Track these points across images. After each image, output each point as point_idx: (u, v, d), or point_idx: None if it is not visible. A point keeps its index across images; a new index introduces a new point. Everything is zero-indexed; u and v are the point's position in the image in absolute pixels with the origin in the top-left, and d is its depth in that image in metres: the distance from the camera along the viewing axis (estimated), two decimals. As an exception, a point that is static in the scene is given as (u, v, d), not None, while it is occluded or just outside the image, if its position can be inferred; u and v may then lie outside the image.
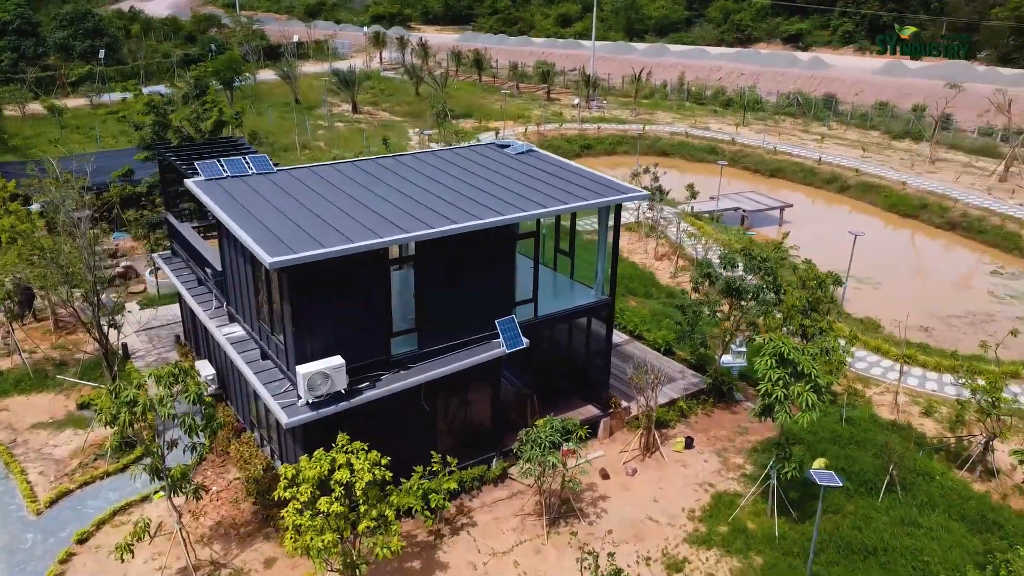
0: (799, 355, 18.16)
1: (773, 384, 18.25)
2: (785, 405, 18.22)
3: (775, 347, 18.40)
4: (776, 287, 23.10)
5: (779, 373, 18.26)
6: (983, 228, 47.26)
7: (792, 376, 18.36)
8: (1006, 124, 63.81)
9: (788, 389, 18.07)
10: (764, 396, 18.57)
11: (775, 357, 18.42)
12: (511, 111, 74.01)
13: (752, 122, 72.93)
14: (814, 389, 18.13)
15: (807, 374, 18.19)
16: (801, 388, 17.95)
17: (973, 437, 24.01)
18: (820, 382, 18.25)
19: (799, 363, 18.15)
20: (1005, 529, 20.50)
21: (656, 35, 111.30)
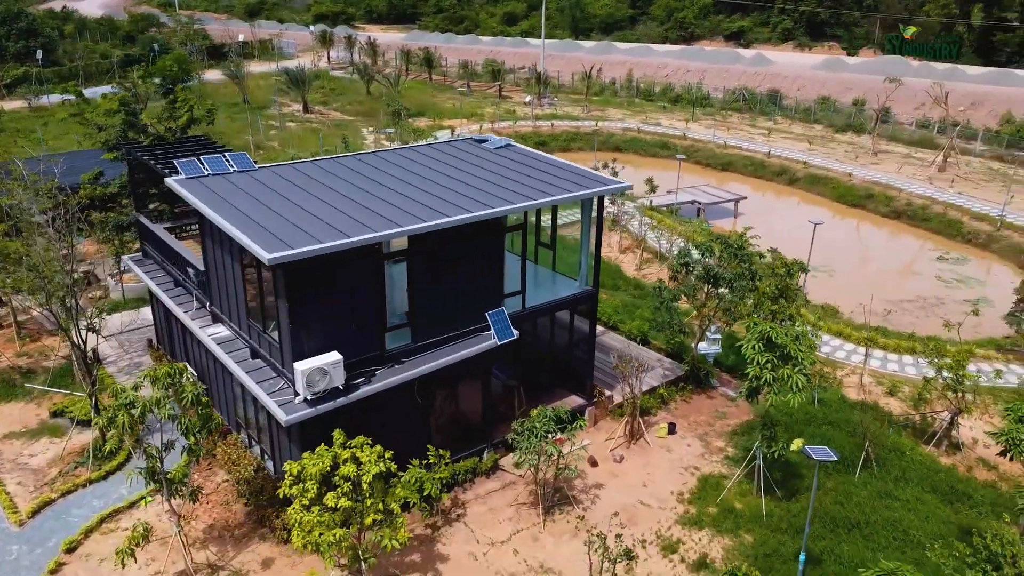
0: (785, 339, 18.79)
1: (761, 367, 18.83)
2: (773, 387, 18.81)
3: (762, 331, 19.00)
4: (752, 274, 23.78)
5: (767, 356, 18.86)
6: (927, 216, 49.22)
7: (779, 359, 18.96)
8: (942, 116, 66.51)
9: (776, 372, 18.67)
10: (753, 379, 19.14)
11: (762, 341, 19.01)
12: (464, 109, 74.12)
13: (701, 117, 74.45)
14: (801, 372, 18.77)
15: (794, 357, 18.83)
16: (790, 371, 18.57)
17: (937, 413, 25.14)
18: (806, 363, 18.91)
19: (786, 346, 18.78)
20: (974, 499, 21.55)
21: (602, 33, 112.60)
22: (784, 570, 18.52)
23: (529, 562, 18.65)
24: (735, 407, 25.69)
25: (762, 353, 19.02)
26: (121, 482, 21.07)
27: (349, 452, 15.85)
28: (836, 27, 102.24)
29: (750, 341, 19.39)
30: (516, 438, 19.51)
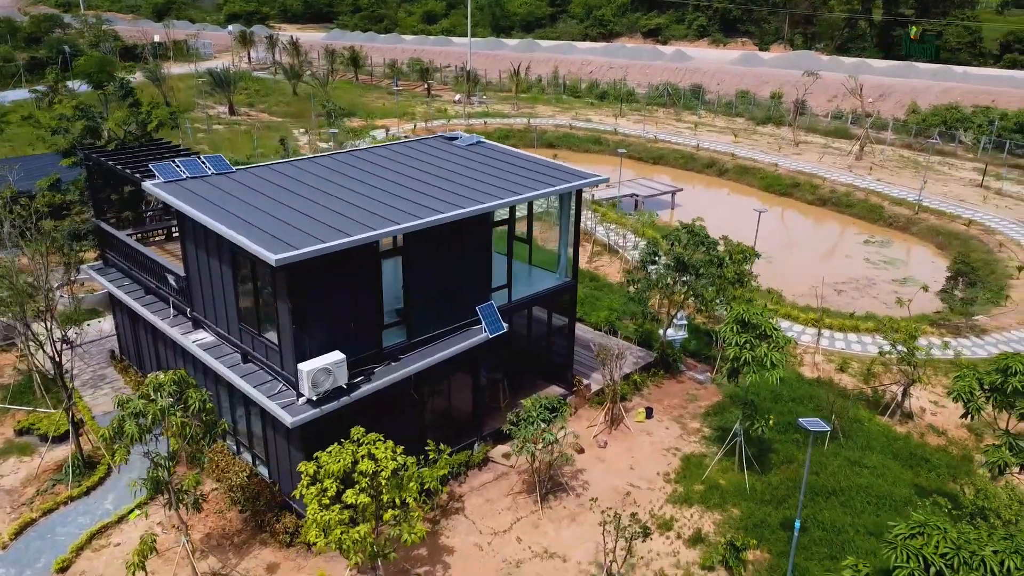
0: (761, 319, 19.80)
1: (740, 348, 19.78)
2: (752, 366, 19.78)
3: (738, 313, 19.95)
4: (719, 261, 24.82)
5: (745, 337, 19.82)
6: (850, 202, 51.91)
7: (756, 339, 19.95)
8: (854, 108, 70.13)
9: (755, 351, 19.64)
10: (733, 360, 20.06)
11: (739, 323, 19.97)
12: (394, 109, 73.79)
13: (628, 113, 76.30)
14: (776, 349, 19.80)
15: (769, 335, 19.86)
16: (767, 348, 19.57)
17: (887, 386, 26.83)
18: (781, 342, 19.97)
19: (761, 326, 19.78)
20: (931, 463, 23.14)
21: (523, 31, 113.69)
22: (773, 538, 19.54)
23: (533, 548, 19.08)
24: (704, 389, 26.77)
25: (740, 334, 19.96)
26: (105, 497, 20.53)
27: (366, 448, 15.93)
28: (748, 24, 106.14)
29: (728, 324, 20.32)
30: (512, 428, 19.90)
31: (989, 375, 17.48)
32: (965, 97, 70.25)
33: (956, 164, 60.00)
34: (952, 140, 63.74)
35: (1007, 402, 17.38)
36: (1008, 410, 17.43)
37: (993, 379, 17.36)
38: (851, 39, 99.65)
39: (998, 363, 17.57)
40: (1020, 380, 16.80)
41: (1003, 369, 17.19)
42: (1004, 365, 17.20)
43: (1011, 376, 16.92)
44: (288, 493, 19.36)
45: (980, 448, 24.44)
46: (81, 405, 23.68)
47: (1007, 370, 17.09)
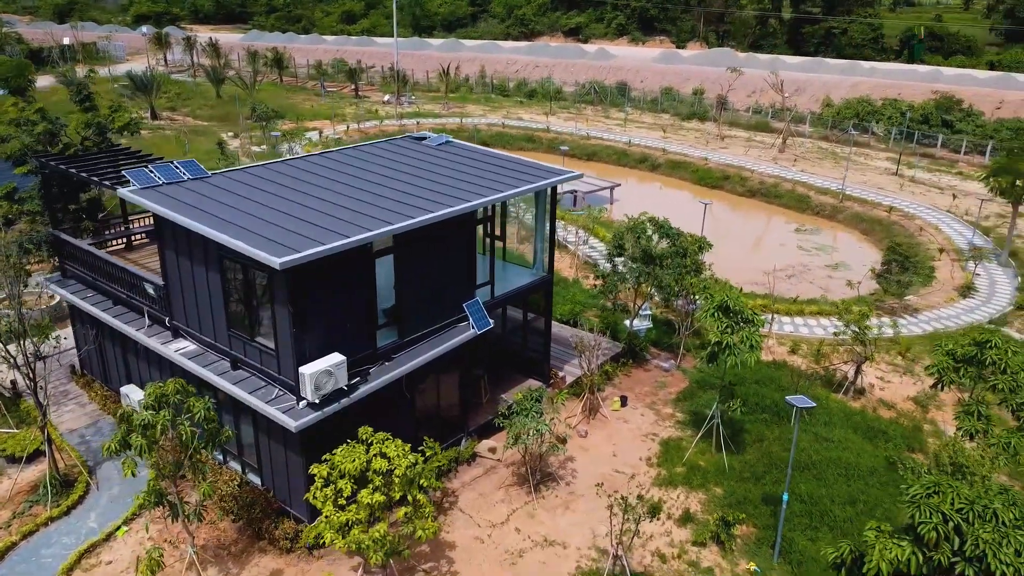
0: (742, 304, 20.75)
1: (722, 332, 20.68)
2: (733, 350, 20.71)
3: (720, 300, 20.86)
4: (684, 252, 25.77)
5: (726, 322, 20.74)
6: (779, 193, 54.23)
7: (738, 323, 20.90)
8: (773, 103, 73.11)
9: (736, 334, 20.57)
10: (715, 344, 20.94)
11: (721, 309, 20.88)
12: (323, 110, 72.83)
13: (558, 111, 77.40)
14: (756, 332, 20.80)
15: (748, 320, 20.84)
16: (748, 331, 20.53)
17: (838, 365, 28.38)
18: (759, 324, 20.97)
19: (741, 311, 20.75)
20: (888, 434, 24.64)
21: (444, 31, 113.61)
22: (756, 513, 20.52)
23: (533, 537, 19.50)
24: (671, 376, 27.72)
25: (720, 320, 20.87)
26: (87, 516, 19.90)
27: (377, 447, 16.03)
28: (665, 22, 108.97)
29: (708, 310, 21.20)
30: (505, 421, 20.26)
31: (964, 348, 18.75)
32: (874, 91, 74.09)
33: (871, 154, 63.32)
34: (865, 132, 67.21)
35: (979, 374, 18.66)
36: (980, 381, 18.72)
37: (968, 351, 18.60)
38: (763, 36, 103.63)
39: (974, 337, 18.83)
40: (996, 353, 18.07)
41: (980, 343, 18.47)
42: (983, 339, 18.47)
43: (988, 349, 18.18)
44: (284, 499, 19.25)
45: (927, 419, 26.22)
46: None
47: (984, 343, 18.37)
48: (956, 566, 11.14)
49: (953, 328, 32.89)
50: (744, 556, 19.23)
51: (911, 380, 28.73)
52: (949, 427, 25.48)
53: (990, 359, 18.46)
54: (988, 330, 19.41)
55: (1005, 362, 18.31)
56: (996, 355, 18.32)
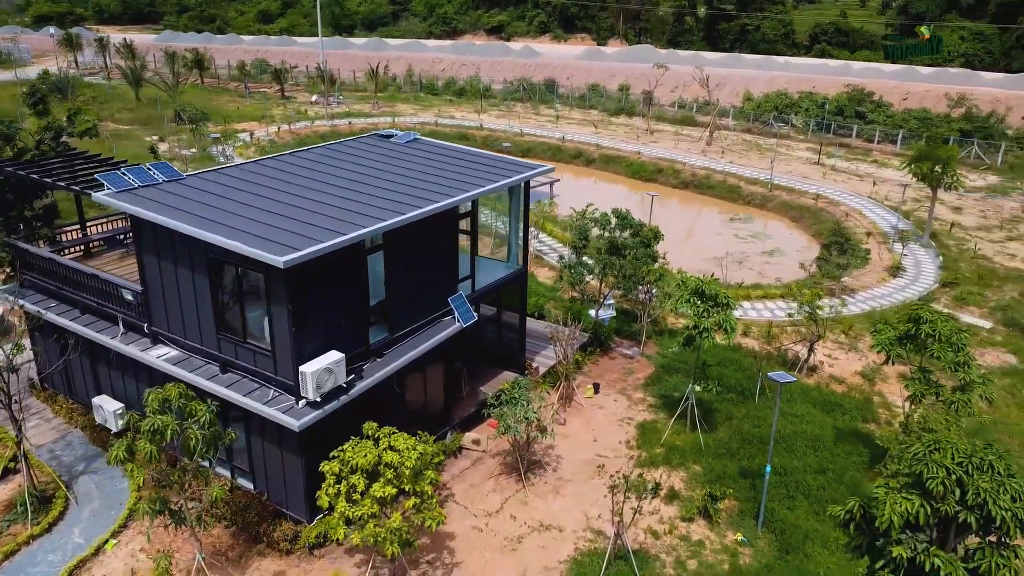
0: (715, 287, 21.69)
1: (699, 316, 21.56)
2: (710, 332, 21.62)
3: (696, 285, 21.74)
4: (647, 242, 26.63)
5: (703, 306, 21.63)
6: (711, 184, 56.15)
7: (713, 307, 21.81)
8: (696, 97, 75.49)
9: (714, 317, 21.48)
10: (692, 328, 21.80)
11: (696, 293, 21.76)
12: (250, 111, 71.35)
13: (488, 109, 77.91)
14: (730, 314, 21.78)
15: (723, 302, 21.78)
16: (725, 314, 21.47)
17: (789, 345, 29.82)
18: (732, 306, 21.95)
19: (717, 294, 21.67)
20: (843, 407, 26.08)
21: (365, 30, 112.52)
22: (735, 487, 21.46)
23: (529, 523, 19.94)
24: (636, 363, 28.59)
25: (697, 304, 21.75)
26: (71, 531, 19.28)
27: (386, 441, 16.17)
28: (585, 20, 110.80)
29: (683, 296, 22.06)
30: (495, 411, 20.63)
31: (902, 325, 20.15)
32: (790, 84, 77.42)
33: (792, 145, 66.18)
34: (785, 124, 70.18)
35: (920, 346, 20.06)
36: (921, 352, 20.13)
37: (906, 328, 20.01)
38: (679, 33, 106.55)
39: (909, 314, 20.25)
40: (930, 327, 19.50)
41: (914, 319, 19.87)
42: (915, 315, 19.87)
43: (922, 324, 19.58)
44: (279, 501, 19.11)
45: (874, 391, 27.86)
46: (9, 439, 21.90)
47: (918, 319, 19.77)
48: (959, 515, 12.17)
49: (888, 306, 34.96)
50: (730, 528, 20.16)
51: (856, 356, 30.42)
52: (895, 398, 27.21)
53: (925, 332, 19.86)
54: (917, 305, 20.90)
55: (939, 331, 19.76)
56: (929, 328, 19.72)
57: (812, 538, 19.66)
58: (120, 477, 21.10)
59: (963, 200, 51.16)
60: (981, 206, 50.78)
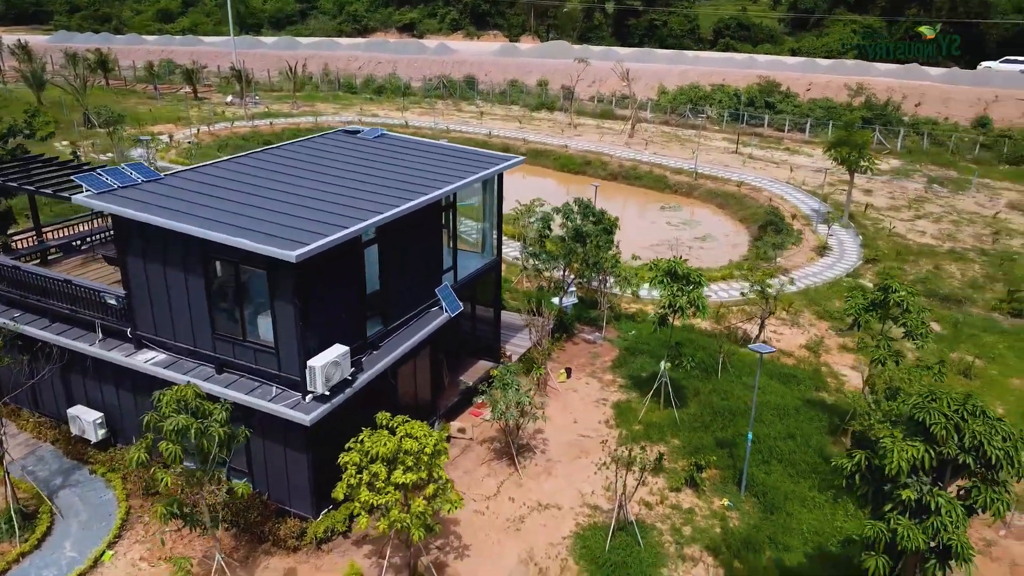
0: (688, 268, 22.76)
1: (673, 296, 22.59)
2: (685, 311, 22.67)
3: (669, 266, 22.76)
4: (609, 229, 27.57)
5: (677, 285, 22.66)
6: (638, 175, 57.88)
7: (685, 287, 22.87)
8: (613, 91, 77.43)
9: (688, 296, 22.54)
10: (667, 307, 22.80)
11: (669, 274, 22.78)
12: (163, 113, 68.94)
13: (410, 106, 77.68)
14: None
15: (694, 282, 22.88)
16: (697, 292, 22.57)
17: (737, 324, 31.38)
18: (703, 286, 23.08)
19: (689, 274, 22.75)
20: (798, 378, 27.73)
21: (273, 28, 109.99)
22: (714, 456, 22.63)
23: (527, 504, 20.51)
24: (600, 347, 29.53)
25: (669, 285, 22.78)
26: (62, 545, 18.64)
27: (403, 429, 16.40)
28: (496, 17, 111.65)
29: (657, 276, 23.06)
30: (488, 396, 21.09)
31: (872, 294, 21.72)
32: (701, 77, 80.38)
33: (709, 136, 68.79)
34: (701, 115, 72.89)
35: (888, 314, 21.67)
36: (892, 321, 21.74)
37: (876, 296, 21.59)
38: (589, 29, 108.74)
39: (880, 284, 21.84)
40: (899, 296, 21.11)
41: (884, 288, 21.46)
42: (885, 285, 21.46)
43: (892, 293, 21.18)
44: (282, 499, 19.02)
45: (820, 362, 29.67)
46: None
47: (887, 288, 21.37)
48: (958, 457, 13.45)
49: (821, 283, 37.18)
50: (716, 494, 21.28)
51: (799, 331, 32.27)
52: (840, 367, 29.14)
53: (894, 301, 21.51)
54: (888, 275, 22.57)
55: (907, 303, 21.43)
56: (898, 298, 21.37)
57: (791, 498, 20.99)
58: (104, 488, 20.51)
59: (872, 183, 54.52)
60: (888, 188, 54.30)
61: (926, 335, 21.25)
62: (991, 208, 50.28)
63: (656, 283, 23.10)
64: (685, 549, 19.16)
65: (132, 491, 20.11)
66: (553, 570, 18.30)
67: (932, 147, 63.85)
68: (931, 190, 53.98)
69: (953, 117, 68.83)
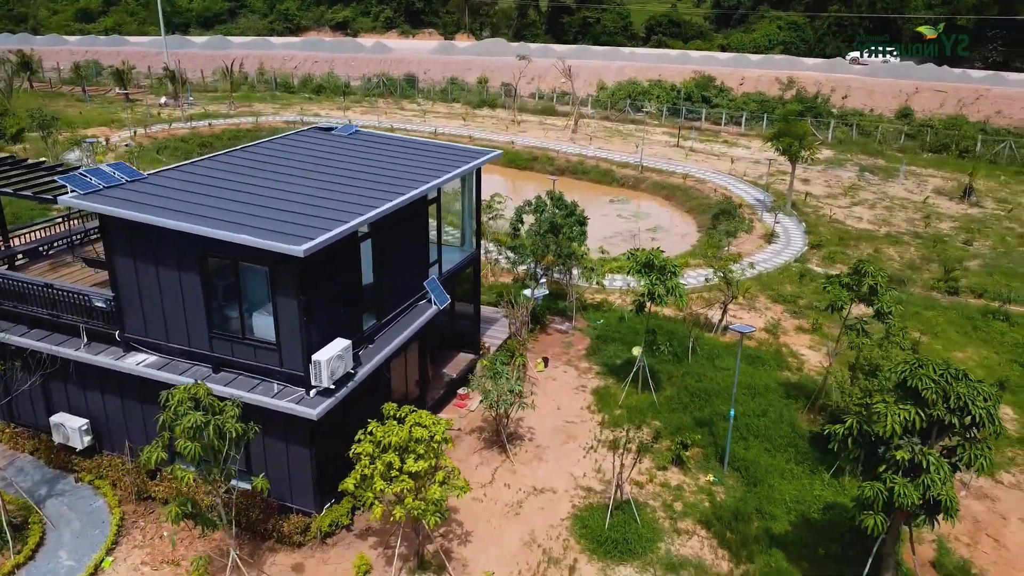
0: (667, 260, 23.59)
1: (652, 284, 23.38)
2: (664, 300, 23.48)
3: (647, 256, 23.53)
4: (582, 221, 28.24)
5: (655, 274, 23.45)
6: (585, 169, 58.94)
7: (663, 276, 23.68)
8: (554, 87, 78.41)
9: (665, 284, 23.35)
10: (645, 295, 23.57)
11: (646, 264, 23.56)
12: (95, 116, 66.74)
13: (351, 105, 77.08)
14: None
15: (670, 270, 23.72)
16: (674, 281, 23.40)
17: (697, 311, 32.49)
18: (678, 274, 23.93)
19: (665, 264, 23.57)
20: (763, 359, 28.94)
21: (201, 28, 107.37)
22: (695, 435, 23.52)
23: (523, 489, 20.98)
24: (572, 336, 30.20)
25: (647, 275, 23.56)
26: (56, 555, 18.25)
27: (413, 418, 16.67)
28: (430, 15, 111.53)
29: (634, 266, 23.81)
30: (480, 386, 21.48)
31: (847, 276, 22.86)
32: (638, 73, 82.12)
33: (649, 130, 70.43)
34: (640, 110, 74.51)
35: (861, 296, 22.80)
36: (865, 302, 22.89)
37: (850, 279, 22.72)
38: (524, 27, 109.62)
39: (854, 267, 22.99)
40: (872, 279, 22.26)
41: (858, 270, 22.63)
42: (859, 268, 22.62)
43: (865, 276, 22.34)
44: (282, 496, 19.01)
45: (780, 344, 30.98)
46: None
47: (860, 271, 22.55)
48: (944, 418, 14.51)
49: (772, 268, 38.70)
50: (701, 471, 22.15)
51: (757, 314, 33.58)
52: (799, 348, 30.49)
53: (867, 284, 22.68)
54: (863, 261, 23.79)
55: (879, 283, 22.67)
56: (871, 281, 22.55)
57: (770, 471, 22.02)
58: (92, 495, 20.11)
59: (809, 172, 56.79)
60: (824, 177, 56.69)
61: (894, 315, 22.52)
62: (919, 194, 53.05)
63: (635, 273, 23.83)
64: (679, 524, 19.95)
65: (124, 497, 19.78)
66: (556, 550, 18.83)
67: (860, 137, 66.85)
68: (863, 178, 56.57)
69: (878, 109, 72.18)
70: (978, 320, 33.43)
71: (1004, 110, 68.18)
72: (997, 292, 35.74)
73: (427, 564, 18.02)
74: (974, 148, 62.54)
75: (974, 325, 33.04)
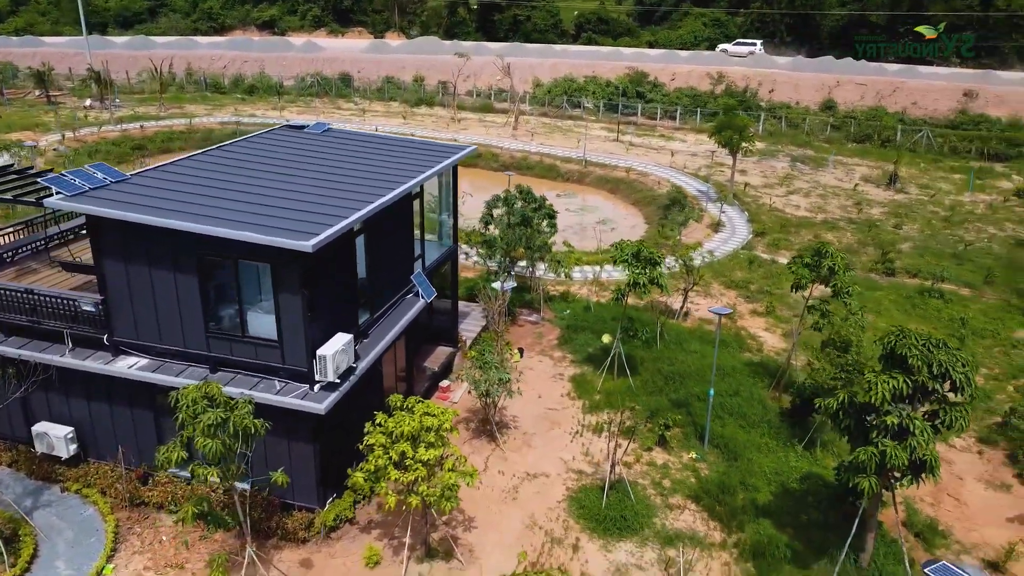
0: (653, 252, 24.41)
1: (638, 274, 24.15)
2: (650, 289, 24.28)
3: (635, 248, 24.30)
4: (552, 214, 28.86)
5: (642, 266, 24.22)
6: (529, 165, 59.59)
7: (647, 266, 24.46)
8: (490, 85, 78.88)
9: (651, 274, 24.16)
10: (632, 285, 24.33)
11: (633, 256, 24.32)
12: (16, 119, 63.95)
13: (286, 105, 75.87)
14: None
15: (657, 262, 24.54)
16: (658, 272, 24.23)
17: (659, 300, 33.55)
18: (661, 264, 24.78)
19: (653, 254, 24.38)
20: (725, 341, 30.08)
21: (120, 27, 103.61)
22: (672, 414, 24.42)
23: (517, 475, 21.46)
24: (542, 327, 30.81)
25: (635, 265, 24.33)
26: (52, 566, 17.83)
27: (421, 408, 16.95)
28: (359, 14, 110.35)
29: (623, 257, 24.55)
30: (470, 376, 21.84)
31: (808, 257, 24.07)
32: (573, 70, 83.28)
33: (588, 125, 71.57)
34: (577, 106, 75.67)
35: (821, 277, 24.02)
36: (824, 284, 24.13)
37: (811, 260, 23.93)
38: (454, 25, 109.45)
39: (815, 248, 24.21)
40: (831, 261, 23.49)
41: (819, 251, 23.87)
42: (820, 249, 23.85)
43: (825, 257, 23.57)
44: (283, 494, 18.99)
45: (739, 327, 32.29)
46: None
47: (822, 252, 23.78)
48: (927, 384, 15.65)
49: (722, 256, 40.12)
50: (683, 450, 23.05)
51: (712, 300, 34.83)
52: (756, 330, 31.85)
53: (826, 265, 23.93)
54: (821, 243, 25.09)
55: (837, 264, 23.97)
56: (831, 261, 23.82)
57: (748, 447, 23.08)
58: (81, 504, 19.68)
59: (744, 164, 58.80)
60: (759, 168, 58.83)
61: (851, 293, 23.86)
62: (849, 182, 55.65)
63: (621, 263, 24.56)
64: (670, 499, 20.78)
65: (116, 504, 19.41)
66: (557, 531, 19.39)
67: (789, 129, 69.56)
68: (796, 168, 58.97)
69: (804, 101, 75.19)
70: (916, 299, 35.49)
71: (919, 101, 71.98)
72: (930, 272, 37.95)
73: (434, 552, 18.33)
74: (895, 138, 65.87)
75: (912, 303, 35.07)
